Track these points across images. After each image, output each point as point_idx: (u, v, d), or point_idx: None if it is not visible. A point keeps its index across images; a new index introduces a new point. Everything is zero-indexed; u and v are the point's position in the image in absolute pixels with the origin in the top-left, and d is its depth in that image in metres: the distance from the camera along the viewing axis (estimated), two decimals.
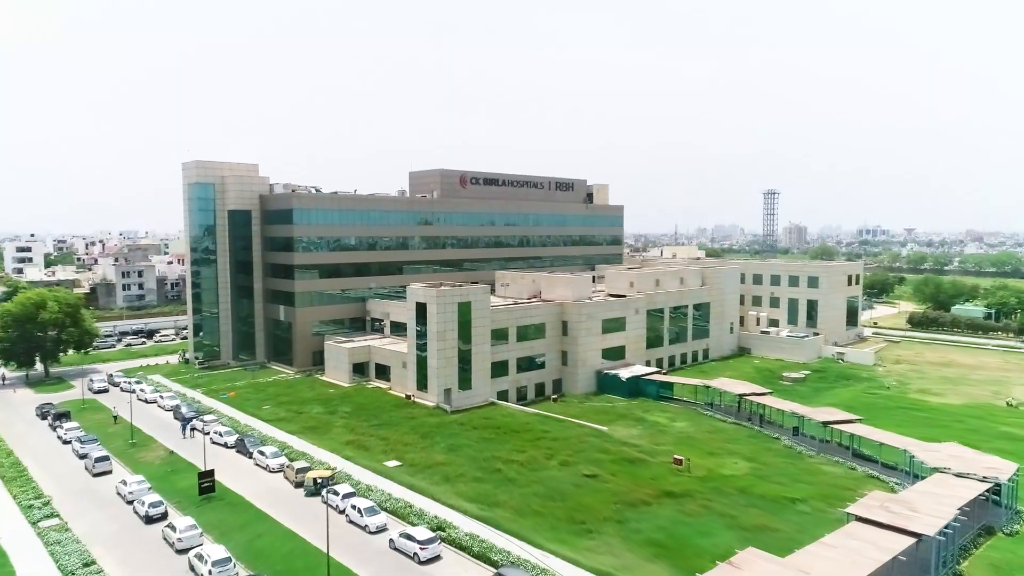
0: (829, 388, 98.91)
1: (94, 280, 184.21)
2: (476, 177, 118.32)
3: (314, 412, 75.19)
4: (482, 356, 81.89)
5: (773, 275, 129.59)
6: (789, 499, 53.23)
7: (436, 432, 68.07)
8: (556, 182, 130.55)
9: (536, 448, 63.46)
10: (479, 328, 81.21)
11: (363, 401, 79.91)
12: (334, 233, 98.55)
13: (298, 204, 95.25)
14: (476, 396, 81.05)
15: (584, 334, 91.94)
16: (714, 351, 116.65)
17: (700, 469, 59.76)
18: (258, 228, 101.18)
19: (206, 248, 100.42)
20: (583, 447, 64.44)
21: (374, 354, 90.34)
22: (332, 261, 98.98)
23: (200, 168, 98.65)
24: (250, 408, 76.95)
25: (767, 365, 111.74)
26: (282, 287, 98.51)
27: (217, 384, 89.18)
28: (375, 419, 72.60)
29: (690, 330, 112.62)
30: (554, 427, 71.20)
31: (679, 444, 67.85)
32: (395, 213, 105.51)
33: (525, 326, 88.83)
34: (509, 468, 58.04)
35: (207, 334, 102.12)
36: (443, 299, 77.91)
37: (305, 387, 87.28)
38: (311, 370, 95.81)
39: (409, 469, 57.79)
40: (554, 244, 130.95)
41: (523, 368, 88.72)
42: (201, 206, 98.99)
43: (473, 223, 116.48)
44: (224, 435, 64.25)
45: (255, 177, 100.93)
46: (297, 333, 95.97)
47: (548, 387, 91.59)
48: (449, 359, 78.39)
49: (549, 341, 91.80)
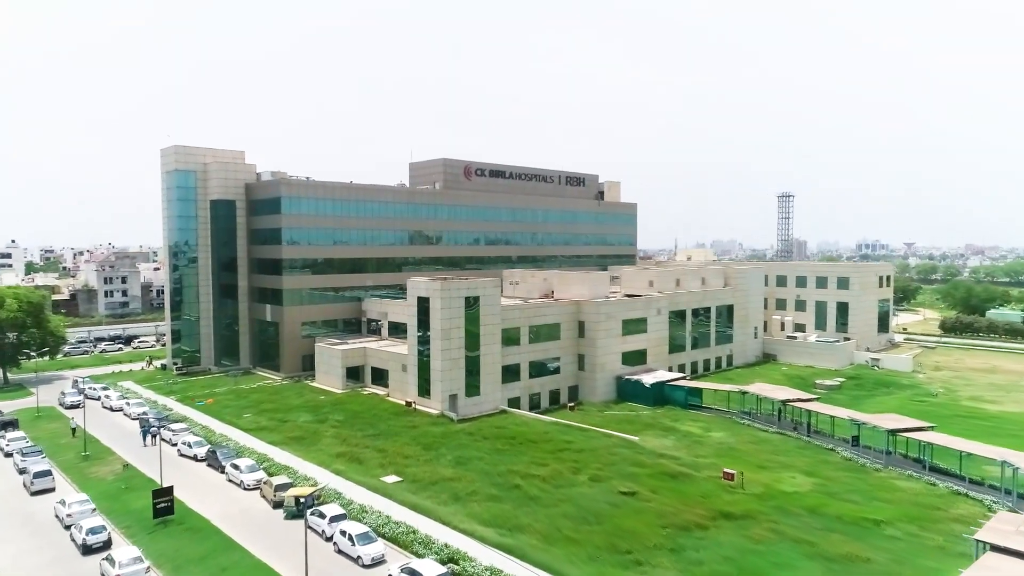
0: (869, 396, 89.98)
1: (75, 286, 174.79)
2: (482, 168, 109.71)
3: (301, 421, 65.87)
4: (492, 358, 72.79)
5: (799, 276, 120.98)
6: (871, 521, 44.08)
7: (441, 443, 58.86)
8: (566, 176, 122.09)
9: (559, 461, 54.28)
10: (489, 327, 72.18)
11: (357, 408, 70.63)
12: (327, 225, 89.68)
13: (287, 192, 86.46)
14: (485, 403, 71.86)
15: (603, 335, 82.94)
16: (738, 357, 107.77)
17: (755, 485, 50.63)
18: (244, 220, 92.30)
19: (186, 243, 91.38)
20: (614, 459, 55.27)
21: (370, 357, 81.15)
22: (324, 256, 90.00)
23: (180, 154, 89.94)
24: (228, 416, 67.58)
25: (796, 372, 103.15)
26: (269, 284, 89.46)
27: (194, 391, 79.78)
28: (371, 428, 63.34)
29: (713, 334, 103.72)
30: (577, 437, 62.03)
31: (722, 457, 58.81)
32: (394, 205, 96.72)
33: (538, 326, 79.84)
34: (530, 484, 48.81)
35: (187, 337, 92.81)
36: (449, 293, 68.98)
37: (292, 393, 77.92)
38: (300, 376, 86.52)
39: (411, 486, 48.48)
40: (564, 242, 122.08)
41: (536, 373, 79.59)
42: (181, 195, 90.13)
43: (478, 218, 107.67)
44: (193, 446, 54.86)
45: (241, 164, 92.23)
46: (285, 335, 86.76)
47: (563, 394, 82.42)
48: (455, 361, 69.29)
49: (564, 343, 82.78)
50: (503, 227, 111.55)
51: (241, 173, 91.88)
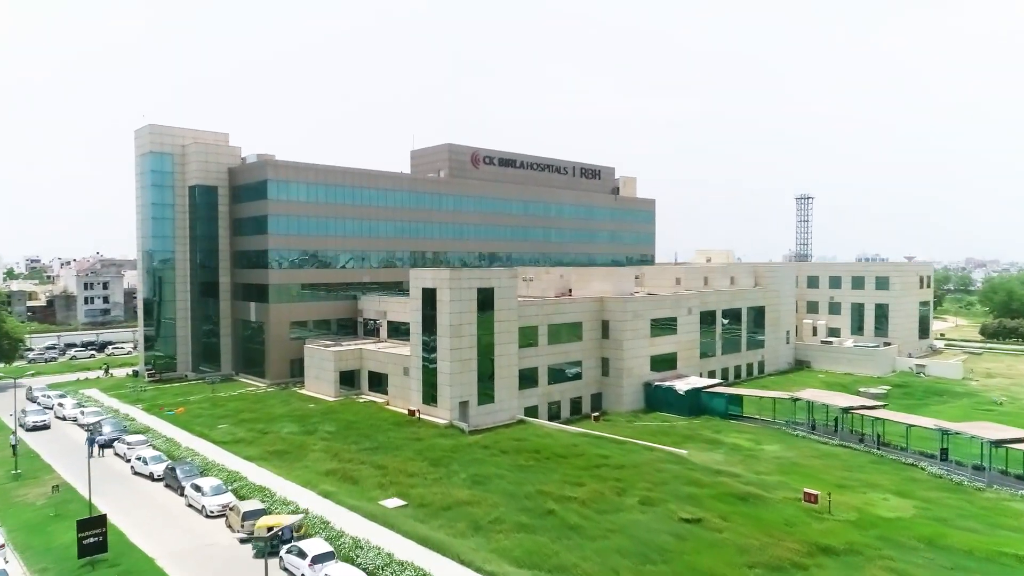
0: (922, 405, 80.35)
1: (53, 292, 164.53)
2: (490, 156, 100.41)
3: (285, 432, 55.87)
4: (508, 361, 63.11)
5: (832, 277, 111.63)
6: (1013, 556, 34.33)
7: (452, 458, 49.04)
8: (581, 168, 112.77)
9: (598, 479, 44.51)
10: (504, 324, 62.56)
11: (352, 418, 60.71)
12: (319, 213, 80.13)
13: (274, 175, 76.93)
14: (500, 412, 62.07)
15: (630, 336, 73.31)
16: (769, 364, 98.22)
17: (844, 509, 40.91)
18: (226, 209, 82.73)
19: (161, 234, 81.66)
20: (663, 477, 45.51)
21: (367, 359, 71.32)
22: (316, 248, 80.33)
23: (156, 135, 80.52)
24: (199, 427, 57.57)
25: (835, 380, 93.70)
26: (253, 279, 79.70)
27: (165, 399, 69.74)
28: (368, 441, 53.44)
29: (744, 338, 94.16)
30: (613, 451, 52.23)
31: (788, 474, 49.22)
32: (395, 193, 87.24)
33: (558, 325, 70.22)
34: (567, 509, 39.00)
35: (161, 341, 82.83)
36: (459, 284, 59.43)
37: (277, 402, 67.92)
38: (288, 382, 76.60)
39: (418, 511, 38.58)
40: (579, 240, 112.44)
41: (555, 378, 69.88)
42: (156, 181, 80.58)
43: (486, 210, 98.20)
44: (149, 462, 44.81)
45: (224, 147, 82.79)
46: (271, 336, 76.87)
47: (586, 403, 72.64)
48: (465, 364, 59.57)
49: (587, 345, 73.11)
50: (513, 221, 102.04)
51: (224, 156, 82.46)
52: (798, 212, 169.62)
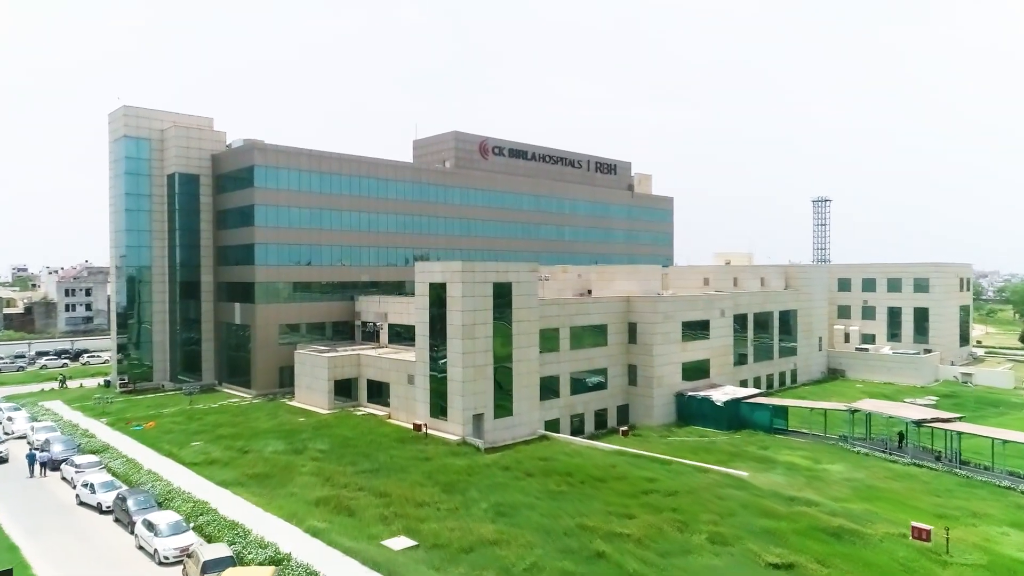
0: (977, 417, 72.10)
1: (32, 299, 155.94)
2: (500, 146, 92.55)
3: (269, 451, 47.45)
4: (528, 367, 55.01)
5: (865, 279, 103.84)
6: None
7: (468, 482, 40.80)
8: (596, 162, 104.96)
9: (650, 510, 36.31)
10: (524, 324, 54.51)
11: (348, 434, 52.36)
12: (312, 204, 72.04)
13: (261, 160, 68.85)
14: (519, 427, 53.87)
15: (660, 341, 65.26)
16: (802, 373, 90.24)
17: (964, 547, 32.77)
18: (209, 200, 74.64)
19: (136, 228, 73.43)
20: (729, 507, 37.31)
21: (366, 366, 63.07)
22: (308, 241, 72.15)
23: (130, 118, 72.52)
24: (169, 445, 49.14)
25: (875, 390, 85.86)
26: (238, 277, 71.46)
27: (134, 412, 61.30)
28: (366, 461, 45.12)
29: (776, 345, 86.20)
30: (659, 472, 44.03)
31: (868, 500, 41.15)
32: (396, 183, 79.23)
33: (581, 328, 62.15)
34: (620, 550, 30.79)
35: (136, 347, 74.42)
36: (472, 277, 51.40)
37: (263, 414, 59.49)
38: (276, 392, 68.25)
39: (432, 555, 30.30)
40: (594, 239, 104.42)
41: (578, 388, 61.73)
42: (130, 168, 72.49)
43: (495, 204, 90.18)
44: (98, 489, 36.36)
45: (207, 132, 74.81)
46: (257, 341, 68.52)
47: (612, 415, 64.47)
48: (480, 370, 51.42)
49: (612, 351, 65.00)
50: (524, 217, 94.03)
51: (207, 142, 74.45)
52: (815, 215, 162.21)
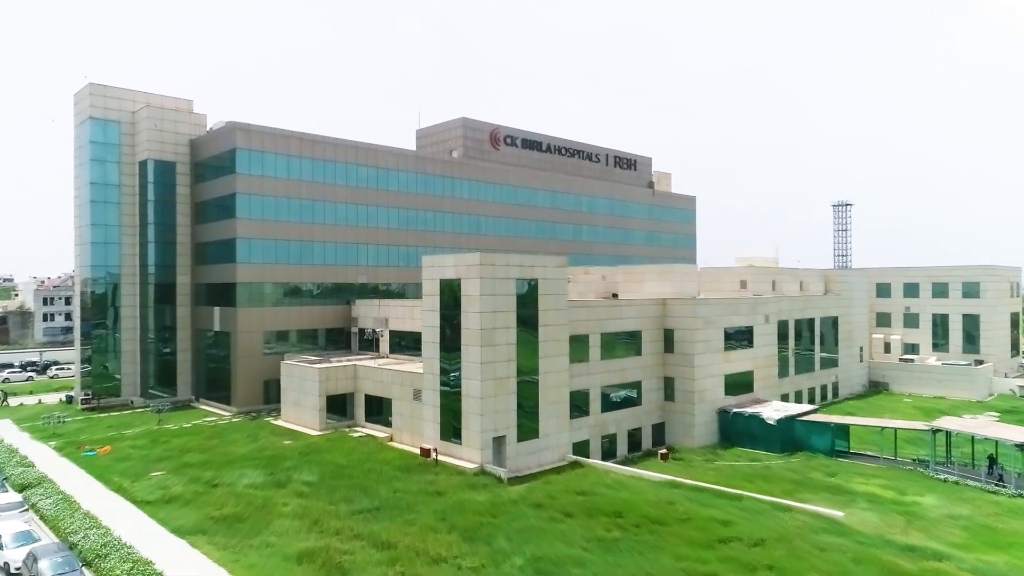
0: None
1: (6, 308, 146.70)
2: (512, 136, 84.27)
3: (243, 484, 38.57)
4: (557, 379, 46.44)
5: (907, 283, 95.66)
6: None
7: (493, 525, 32.11)
8: (615, 157, 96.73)
9: (736, 567, 27.81)
10: (552, 328, 45.99)
11: (342, 461, 43.51)
12: (302, 193, 63.55)
13: (245, 143, 60.36)
14: (547, 451, 45.23)
15: (702, 349, 56.78)
16: (843, 386, 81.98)
17: None
18: (187, 190, 66.13)
19: (103, 222, 64.78)
20: (840, 562, 28.77)
21: (364, 379, 54.28)
22: (297, 237, 63.55)
23: (97, 97, 64.11)
24: (122, 476, 40.27)
25: (926, 404, 77.82)
26: (217, 277, 62.78)
27: (92, 433, 52.37)
28: (364, 497, 36.33)
29: (817, 356, 77.95)
30: (730, 511, 35.41)
31: (998, 547, 32.68)
32: (398, 174, 70.80)
33: (612, 336, 53.65)
34: None
35: (103, 357, 65.54)
36: (493, 272, 42.88)
37: (242, 436, 50.56)
38: (261, 410, 59.46)
39: None
40: (613, 239, 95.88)
41: (610, 404, 53.14)
42: (96, 155, 63.97)
43: (507, 199, 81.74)
44: (7, 545, 27.46)
45: (185, 114, 66.41)
46: (239, 350, 59.73)
47: (646, 434, 55.86)
48: (501, 384, 42.80)
49: (646, 361, 56.45)
50: (539, 214, 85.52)
51: (184, 125, 66.03)
52: (836, 220, 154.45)
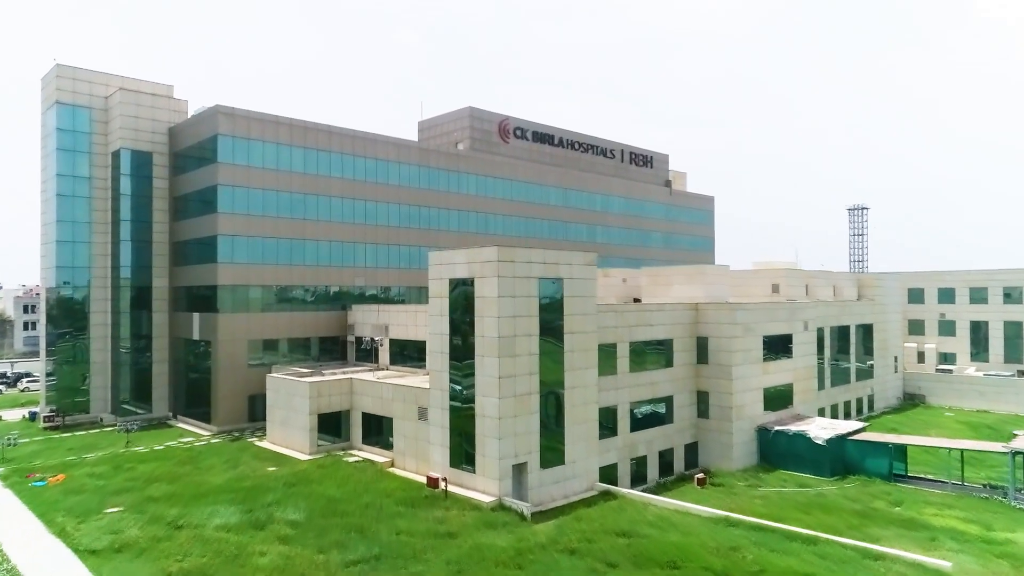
0: None
1: None
2: (523, 128, 78.00)
3: (214, 524, 31.94)
4: (584, 394, 40.10)
5: (942, 288, 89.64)
6: None
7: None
8: (630, 153, 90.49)
9: None
10: (580, 337, 39.69)
11: (334, 493, 36.94)
12: (292, 186, 57.21)
13: (228, 128, 53.96)
14: (574, 479, 38.82)
15: (740, 360, 50.48)
16: (878, 399, 75.93)
17: None
18: (165, 184, 59.77)
19: (71, 218, 58.31)
20: None
21: (361, 395, 47.71)
22: (287, 234, 57.10)
23: (66, 80, 57.83)
24: (67, 515, 33.62)
25: (972, 419, 71.93)
26: (198, 278, 56.30)
27: (47, 457, 45.70)
28: (360, 541, 29.80)
29: (853, 366, 71.95)
30: (810, 561, 29.14)
31: None
32: (399, 166, 64.51)
33: (641, 345, 47.31)
34: None
35: (71, 369, 58.94)
36: (512, 270, 36.57)
37: (220, 461, 43.92)
38: (244, 429, 52.91)
39: None
40: (629, 241, 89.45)
41: (640, 423, 46.73)
42: (64, 144, 57.62)
43: (517, 196, 75.40)
44: None
45: (163, 99, 60.14)
46: (220, 360, 53.16)
47: (678, 456, 49.45)
48: (522, 401, 36.40)
49: (678, 373, 50.12)
50: (551, 212, 79.15)
51: (163, 112, 59.73)
52: (851, 225, 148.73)
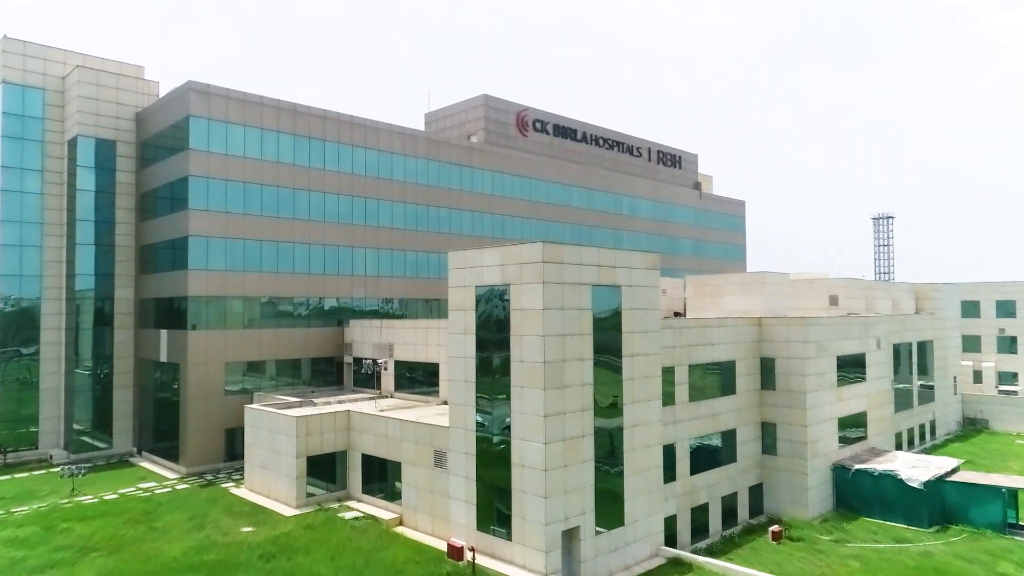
0: None
1: None
2: (543, 120, 69.66)
3: None
4: (647, 433, 31.55)
5: (1001, 301, 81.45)
6: None
7: None
8: (658, 152, 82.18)
9: None
10: (641, 360, 31.18)
11: (325, 571, 27.97)
12: (278, 179, 48.64)
13: (202, 109, 45.34)
14: (634, 544, 30.10)
15: (814, 384, 42.02)
16: (939, 424, 67.64)
17: None
18: (131, 177, 51.15)
19: (18, 218, 49.57)
20: None
21: (360, 431, 38.74)
22: (272, 236, 48.39)
23: (13, 56, 49.36)
24: None
25: None
26: (166, 288, 47.49)
27: None
28: None
29: (915, 389, 63.62)
30: None
31: None
32: (403, 159, 56.04)
33: (700, 367, 38.80)
34: None
35: (18, 396, 49.90)
36: (560, 274, 28.03)
37: (183, 516, 34.91)
38: (220, 470, 43.93)
39: None
40: (657, 249, 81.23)
41: (700, 463, 38.08)
42: (11, 130, 49.02)
43: (536, 196, 66.84)
44: None
45: (130, 80, 51.67)
46: (189, 388, 44.25)
47: (742, 501, 40.73)
48: (573, 445, 27.72)
49: (742, 402, 41.58)
50: (574, 216, 70.56)
51: (129, 95, 51.22)
52: (876, 234, 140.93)
